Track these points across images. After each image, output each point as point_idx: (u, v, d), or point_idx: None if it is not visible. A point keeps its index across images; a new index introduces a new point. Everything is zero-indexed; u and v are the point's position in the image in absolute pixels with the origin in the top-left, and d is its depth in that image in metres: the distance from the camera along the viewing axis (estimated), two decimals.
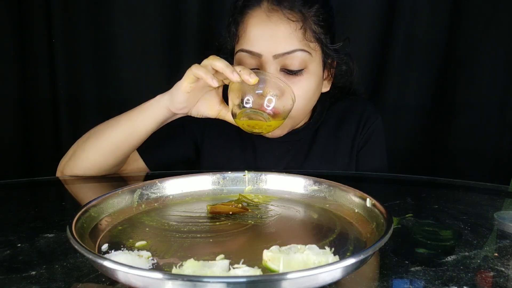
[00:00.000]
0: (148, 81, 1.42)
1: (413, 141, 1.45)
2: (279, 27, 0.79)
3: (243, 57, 0.82)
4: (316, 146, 0.95)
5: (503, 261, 0.48)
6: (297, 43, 0.79)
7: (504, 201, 0.77)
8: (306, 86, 0.83)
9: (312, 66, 0.82)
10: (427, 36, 1.37)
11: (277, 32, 0.79)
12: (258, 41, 0.80)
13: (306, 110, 0.88)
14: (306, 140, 0.96)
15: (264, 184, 0.71)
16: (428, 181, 0.92)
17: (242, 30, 0.83)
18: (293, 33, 0.79)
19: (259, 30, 0.80)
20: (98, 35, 1.37)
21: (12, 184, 0.86)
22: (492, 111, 1.36)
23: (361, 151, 0.97)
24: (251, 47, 0.80)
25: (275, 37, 0.79)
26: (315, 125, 0.96)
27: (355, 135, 0.96)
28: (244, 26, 0.82)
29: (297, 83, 0.81)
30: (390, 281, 0.43)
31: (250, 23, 0.81)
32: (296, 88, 0.79)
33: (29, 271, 0.44)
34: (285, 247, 0.45)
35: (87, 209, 0.53)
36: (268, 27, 0.79)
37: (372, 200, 0.56)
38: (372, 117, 0.97)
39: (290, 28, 0.79)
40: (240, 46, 0.82)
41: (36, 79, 1.37)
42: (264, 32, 0.80)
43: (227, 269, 0.42)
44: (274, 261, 0.42)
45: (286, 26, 0.79)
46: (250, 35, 0.81)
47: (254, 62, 0.81)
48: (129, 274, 0.36)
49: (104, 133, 0.82)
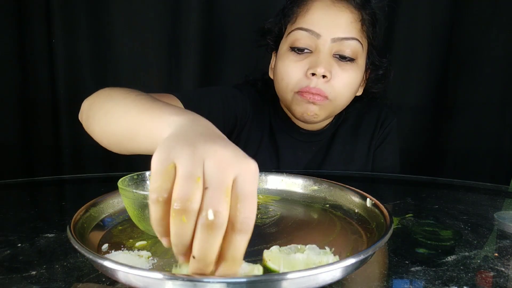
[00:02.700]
0: (148, 81, 1.42)
1: (413, 141, 1.45)
2: (343, 13, 0.83)
3: (300, 35, 0.84)
4: (335, 145, 0.98)
5: (503, 261, 0.48)
6: (355, 32, 0.83)
7: (504, 201, 0.77)
8: (353, 75, 0.85)
9: (360, 60, 0.86)
10: (427, 36, 1.37)
11: (339, 17, 0.83)
12: (319, 22, 0.83)
13: (346, 100, 0.89)
14: (326, 140, 0.99)
15: (264, 184, 0.71)
16: (428, 181, 0.92)
17: (304, 10, 0.85)
18: (353, 22, 0.83)
19: (322, 12, 0.83)
20: (98, 35, 1.37)
21: (12, 184, 0.86)
22: (492, 111, 1.36)
23: (376, 150, 1.00)
24: (312, 26, 0.83)
25: (337, 22, 0.82)
26: (335, 126, 0.99)
27: (372, 135, 0.99)
28: (307, 7, 0.85)
29: (347, 70, 0.84)
30: (390, 281, 0.43)
31: (314, 5, 0.85)
32: (345, 76, 0.83)
33: (29, 271, 0.44)
34: (285, 247, 0.45)
35: (87, 209, 0.53)
36: (331, 11, 0.83)
37: (373, 200, 0.56)
38: (389, 117, 1.01)
39: (351, 17, 0.83)
40: (299, 25, 0.85)
41: (36, 79, 1.37)
42: (327, 15, 0.83)
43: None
44: (274, 261, 0.42)
45: (348, 15, 0.83)
46: (314, 16, 0.84)
47: (310, 42, 0.83)
48: (129, 274, 0.36)
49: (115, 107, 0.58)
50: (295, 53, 0.85)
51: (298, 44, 0.84)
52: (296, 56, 0.84)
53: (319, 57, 0.82)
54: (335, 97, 0.84)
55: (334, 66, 0.83)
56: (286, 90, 0.87)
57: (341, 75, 0.83)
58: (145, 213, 0.50)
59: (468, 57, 1.35)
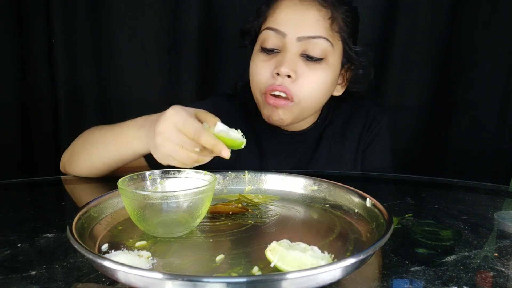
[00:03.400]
0: (148, 81, 1.42)
1: (413, 141, 1.45)
2: (309, 11, 0.81)
3: (268, 35, 0.84)
4: (322, 147, 0.96)
5: (503, 261, 0.48)
6: (322, 31, 0.81)
7: (504, 201, 0.77)
8: (322, 76, 0.83)
9: (331, 59, 0.84)
10: (427, 36, 1.37)
11: (306, 15, 0.81)
12: (285, 21, 0.82)
13: (315, 102, 0.87)
14: (313, 141, 0.97)
15: (264, 184, 0.71)
16: (428, 181, 0.92)
17: (272, 10, 0.85)
18: (321, 20, 0.81)
19: (289, 11, 0.82)
20: (98, 35, 1.37)
21: (12, 184, 0.86)
22: (492, 111, 1.36)
23: (366, 151, 0.98)
24: (278, 25, 0.82)
25: (303, 20, 0.81)
26: (322, 126, 0.97)
27: (360, 135, 0.97)
28: (275, 7, 0.85)
29: (315, 71, 0.82)
30: (390, 281, 0.43)
31: (282, 4, 0.84)
32: (313, 76, 0.82)
33: (29, 271, 0.44)
34: (295, 243, 0.45)
35: (87, 209, 0.53)
36: (298, 10, 0.82)
37: (372, 200, 0.56)
38: (378, 117, 0.99)
39: (319, 15, 0.81)
40: (267, 24, 0.84)
41: (36, 79, 1.37)
42: (293, 14, 0.82)
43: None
44: (274, 252, 0.42)
45: (315, 12, 0.81)
46: (280, 15, 0.83)
47: (277, 41, 0.83)
48: (129, 274, 0.37)
49: (96, 147, 0.79)
50: (265, 53, 0.84)
51: (266, 44, 0.83)
52: (265, 56, 0.84)
53: (284, 57, 0.81)
54: (301, 98, 0.82)
55: (301, 66, 0.81)
56: (256, 91, 0.87)
57: (308, 75, 0.81)
58: (145, 213, 0.50)
59: (468, 57, 1.34)
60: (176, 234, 0.53)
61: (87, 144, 0.82)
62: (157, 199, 0.50)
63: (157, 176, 0.60)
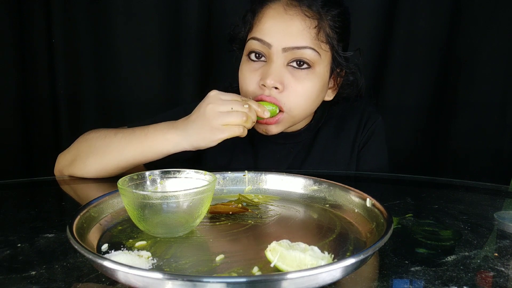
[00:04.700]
0: (147, 81, 1.42)
1: (413, 141, 1.45)
2: (294, 21, 0.80)
3: (254, 44, 0.83)
4: (316, 147, 0.96)
5: (503, 261, 0.48)
6: (308, 41, 0.80)
7: (504, 201, 0.77)
8: (309, 86, 0.83)
9: (318, 68, 0.83)
10: (427, 36, 1.37)
11: (291, 26, 0.80)
12: (270, 32, 0.81)
13: (306, 110, 0.87)
14: (307, 142, 0.96)
15: (264, 184, 0.71)
16: (428, 181, 0.92)
17: (258, 19, 0.84)
18: (306, 29, 0.80)
19: (274, 21, 0.81)
20: (98, 35, 1.37)
21: (12, 184, 0.86)
22: (492, 111, 1.36)
23: (361, 151, 0.97)
24: (263, 36, 0.82)
25: (288, 30, 0.80)
26: (316, 127, 0.97)
27: (355, 136, 0.97)
28: (260, 16, 0.84)
29: (302, 80, 0.82)
30: (390, 281, 0.43)
31: (267, 13, 0.83)
32: (300, 86, 0.81)
33: (29, 271, 0.44)
34: (294, 243, 0.46)
35: (87, 209, 0.53)
36: (283, 20, 0.81)
37: (372, 200, 0.56)
38: (372, 117, 0.98)
39: (304, 25, 0.80)
40: (253, 34, 0.84)
41: (36, 79, 1.37)
42: (278, 24, 0.81)
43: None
44: (273, 252, 0.42)
45: (301, 22, 0.80)
46: (265, 25, 0.82)
47: (264, 50, 0.82)
48: (129, 274, 0.37)
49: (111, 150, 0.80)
50: (252, 61, 0.84)
51: (253, 53, 0.83)
52: (252, 64, 0.84)
53: (270, 68, 0.80)
54: (291, 108, 0.82)
55: (287, 77, 0.81)
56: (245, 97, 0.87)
57: (295, 85, 0.81)
58: (145, 213, 0.50)
59: (468, 57, 1.34)
60: (176, 234, 0.53)
61: (97, 148, 0.81)
62: (157, 199, 0.50)
63: (157, 176, 0.60)
